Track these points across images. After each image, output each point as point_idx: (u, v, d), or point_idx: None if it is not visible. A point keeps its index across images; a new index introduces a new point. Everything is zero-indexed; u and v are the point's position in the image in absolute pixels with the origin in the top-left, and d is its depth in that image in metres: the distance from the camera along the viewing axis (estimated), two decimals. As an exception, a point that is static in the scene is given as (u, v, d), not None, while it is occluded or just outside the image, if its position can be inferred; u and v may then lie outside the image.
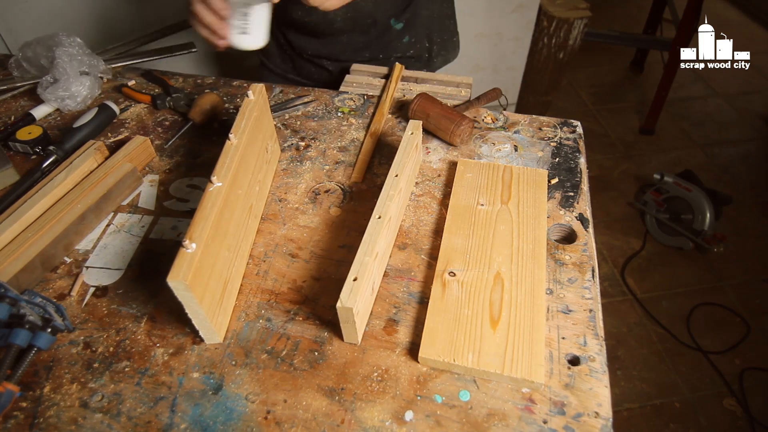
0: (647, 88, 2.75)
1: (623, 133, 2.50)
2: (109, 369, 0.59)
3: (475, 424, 0.54)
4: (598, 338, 0.60)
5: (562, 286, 0.65)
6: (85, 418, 0.55)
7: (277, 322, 0.63)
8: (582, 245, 0.70)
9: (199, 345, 0.61)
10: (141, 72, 1.06)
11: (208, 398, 0.56)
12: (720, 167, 2.29)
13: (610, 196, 2.19)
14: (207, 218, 0.58)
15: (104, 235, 0.74)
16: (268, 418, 0.55)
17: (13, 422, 0.55)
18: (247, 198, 0.70)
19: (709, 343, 1.69)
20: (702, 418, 1.52)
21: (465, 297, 0.62)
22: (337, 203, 0.77)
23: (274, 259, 0.70)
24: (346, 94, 0.97)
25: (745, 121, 2.52)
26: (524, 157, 0.83)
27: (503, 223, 0.70)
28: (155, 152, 0.87)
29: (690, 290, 1.84)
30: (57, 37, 0.96)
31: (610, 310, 1.79)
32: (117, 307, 0.65)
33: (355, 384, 0.57)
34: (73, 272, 0.69)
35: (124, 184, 0.78)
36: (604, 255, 1.97)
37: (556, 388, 0.56)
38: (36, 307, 0.61)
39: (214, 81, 1.03)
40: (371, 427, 0.54)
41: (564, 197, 0.77)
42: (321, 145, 0.87)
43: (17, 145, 0.86)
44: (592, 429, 0.53)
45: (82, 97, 0.94)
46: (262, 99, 0.76)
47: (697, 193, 1.93)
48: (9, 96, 1.00)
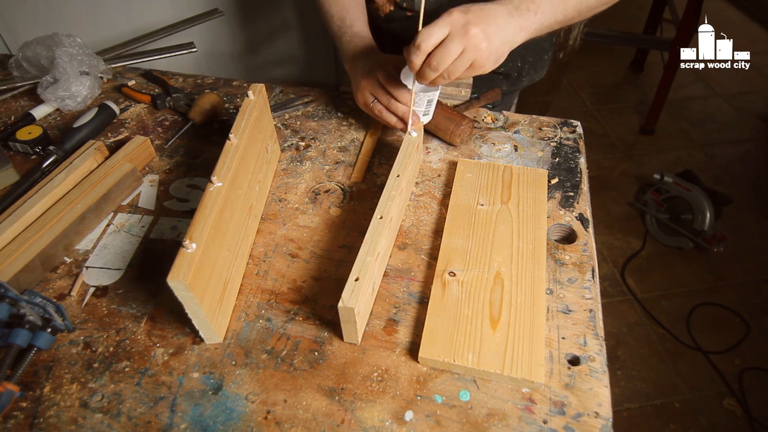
0: (647, 88, 2.75)
1: (623, 133, 2.50)
2: (109, 369, 0.59)
3: (475, 424, 0.53)
4: (598, 338, 0.60)
5: (562, 286, 0.65)
6: (85, 418, 0.55)
7: (277, 322, 0.63)
8: (582, 245, 0.70)
9: (199, 345, 0.61)
10: (141, 72, 1.06)
11: (208, 398, 0.56)
12: (720, 167, 2.29)
13: (610, 196, 2.19)
14: (207, 218, 0.58)
15: (104, 235, 0.74)
16: (268, 418, 0.55)
17: (13, 422, 0.55)
18: (247, 198, 0.70)
19: (709, 343, 1.69)
20: (702, 418, 1.52)
21: (465, 297, 0.62)
22: (337, 203, 0.77)
23: (274, 259, 0.70)
24: (346, 94, 0.97)
25: (745, 121, 2.52)
26: (524, 157, 0.83)
27: (503, 223, 0.70)
28: (155, 152, 0.87)
29: (690, 290, 1.84)
30: (57, 37, 0.96)
31: (610, 310, 1.79)
32: (117, 307, 0.65)
33: (355, 384, 0.57)
34: (73, 272, 0.69)
35: (124, 184, 0.78)
36: (604, 255, 1.97)
37: (556, 388, 0.56)
38: (36, 307, 0.61)
39: (214, 81, 1.03)
40: (371, 427, 0.54)
41: (564, 197, 0.77)
42: (321, 145, 0.87)
43: (17, 145, 0.86)
44: (592, 429, 0.53)
45: (82, 97, 0.94)
46: (262, 99, 0.76)
47: (697, 193, 1.93)
48: (9, 96, 1.00)
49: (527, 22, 0.66)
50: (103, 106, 0.91)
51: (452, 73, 0.64)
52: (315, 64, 1.95)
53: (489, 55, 0.64)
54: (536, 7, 0.67)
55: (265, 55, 1.90)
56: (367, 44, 0.82)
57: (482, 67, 0.65)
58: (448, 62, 0.63)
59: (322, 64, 1.95)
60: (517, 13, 0.65)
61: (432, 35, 0.62)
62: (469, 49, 0.62)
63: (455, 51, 0.62)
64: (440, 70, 0.63)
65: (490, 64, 0.65)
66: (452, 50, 0.62)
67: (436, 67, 0.63)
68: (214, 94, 0.92)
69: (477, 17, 0.62)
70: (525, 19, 0.66)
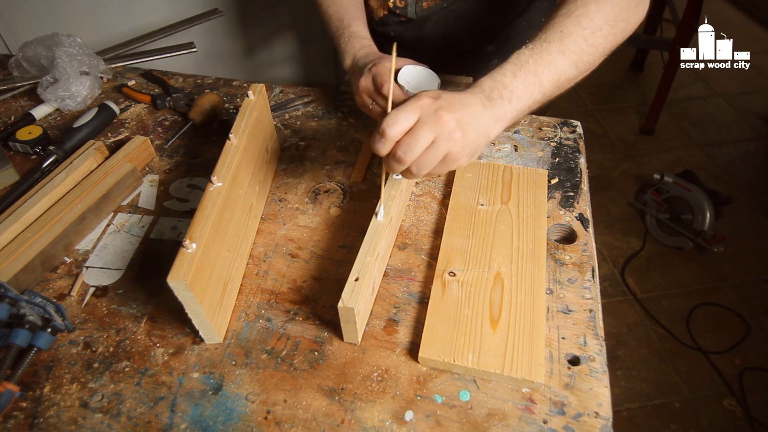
0: (647, 88, 2.75)
1: (623, 133, 2.50)
2: (109, 369, 0.59)
3: (475, 424, 0.54)
4: (598, 338, 0.60)
5: (562, 286, 0.65)
6: (85, 418, 0.55)
7: (277, 322, 0.63)
8: (582, 245, 0.70)
9: (199, 345, 0.61)
10: (141, 72, 1.06)
11: (208, 398, 0.56)
12: (720, 167, 2.29)
13: (610, 196, 2.19)
14: (207, 218, 0.58)
15: (104, 235, 0.74)
16: (268, 418, 0.55)
17: (13, 422, 0.55)
18: (247, 198, 0.70)
19: (709, 343, 1.69)
20: (702, 418, 1.52)
21: (465, 297, 0.62)
22: (337, 203, 0.77)
23: (274, 259, 0.70)
24: (346, 94, 0.97)
25: (745, 121, 2.52)
26: (524, 157, 0.83)
27: (503, 223, 0.70)
28: (155, 152, 0.87)
29: (690, 290, 1.84)
30: (57, 37, 0.96)
31: (610, 310, 1.79)
32: (117, 307, 0.65)
33: (355, 384, 0.57)
34: (73, 272, 0.69)
35: (124, 184, 0.78)
36: (604, 255, 1.97)
37: (556, 388, 0.56)
38: (36, 307, 0.61)
39: (214, 81, 1.03)
40: (371, 427, 0.54)
41: (564, 197, 0.77)
42: (321, 145, 0.87)
43: (17, 145, 0.86)
44: (592, 429, 0.53)
45: (82, 97, 0.94)
46: (262, 99, 0.76)
47: (697, 193, 1.93)
48: (9, 96, 1.00)
49: (502, 112, 0.58)
50: (103, 106, 0.91)
51: (422, 166, 0.55)
52: (315, 64, 1.95)
53: (464, 147, 0.55)
54: (510, 94, 0.58)
55: (265, 55, 1.90)
56: (366, 45, 0.82)
57: (456, 161, 0.56)
58: (417, 152, 0.53)
59: (322, 64, 1.95)
60: (491, 104, 0.57)
61: (399, 121, 0.53)
62: (442, 139, 0.53)
63: (425, 139, 0.53)
64: (407, 161, 0.54)
65: (465, 157, 0.56)
66: (422, 138, 0.53)
67: (401, 158, 0.54)
68: (214, 94, 0.92)
69: (449, 104, 0.54)
70: (499, 109, 0.57)
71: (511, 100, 0.58)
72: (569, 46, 0.60)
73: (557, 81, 0.61)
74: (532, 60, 0.59)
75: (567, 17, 0.61)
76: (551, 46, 0.60)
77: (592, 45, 0.61)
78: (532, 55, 0.59)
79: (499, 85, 0.58)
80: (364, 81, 0.75)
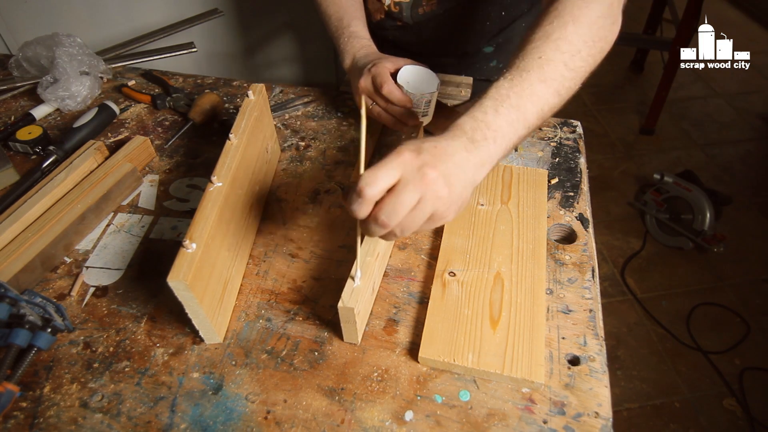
0: (647, 88, 2.75)
1: (623, 133, 2.50)
2: (109, 369, 0.59)
3: (475, 424, 0.54)
4: (598, 338, 0.60)
5: (562, 286, 0.65)
6: (85, 418, 0.55)
7: (277, 322, 0.63)
8: (582, 245, 0.70)
9: (199, 345, 0.61)
10: (141, 72, 1.06)
11: (208, 398, 0.56)
12: (720, 167, 2.29)
13: (610, 196, 2.19)
14: (207, 218, 0.58)
15: (104, 235, 0.74)
16: (268, 418, 0.55)
17: (13, 422, 0.55)
18: (247, 198, 0.70)
19: (709, 343, 1.69)
20: (702, 418, 1.52)
21: (465, 297, 0.62)
22: (337, 203, 0.77)
23: (274, 259, 0.70)
24: (346, 94, 0.97)
25: (745, 121, 2.52)
26: (524, 157, 0.83)
27: (503, 223, 0.70)
28: (155, 152, 0.87)
29: (690, 290, 1.84)
30: (57, 37, 0.96)
31: (610, 310, 1.79)
32: (117, 307, 0.65)
33: (355, 384, 0.57)
34: (73, 272, 0.69)
35: (124, 184, 0.78)
36: (604, 255, 1.97)
37: (556, 388, 0.56)
38: (36, 307, 0.61)
39: (214, 81, 1.03)
40: (371, 427, 0.54)
41: (564, 197, 0.77)
42: (321, 145, 0.87)
43: (17, 145, 0.86)
44: (592, 429, 0.53)
45: (82, 97, 0.94)
46: (262, 99, 0.76)
47: (697, 193, 1.93)
48: (9, 96, 1.00)
49: (487, 155, 0.53)
50: (103, 106, 0.91)
51: (406, 228, 0.50)
52: (315, 64, 1.95)
53: (451, 204, 0.50)
54: (494, 134, 0.53)
55: (265, 55, 1.90)
56: (365, 45, 0.82)
57: (443, 219, 0.52)
58: (402, 215, 0.48)
59: (322, 64, 1.95)
60: (474, 147, 0.52)
61: (379, 179, 0.48)
62: (428, 198, 0.49)
63: (410, 201, 0.48)
64: (390, 225, 0.49)
65: (451, 213, 0.52)
66: (406, 201, 0.48)
67: (384, 222, 0.49)
68: (214, 94, 0.92)
69: (433, 158, 0.49)
70: (484, 152, 0.53)
71: (496, 140, 0.53)
72: (549, 73, 0.56)
73: (541, 113, 0.57)
74: (513, 93, 0.55)
75: (545, 41, 0.57)
76: (531, 75, 0.55)
77: (572, 70, 0.57)
78: (512, 87, 0.55)
79: (482, 125, 0.53)
80: (364, 81, 0.75)
